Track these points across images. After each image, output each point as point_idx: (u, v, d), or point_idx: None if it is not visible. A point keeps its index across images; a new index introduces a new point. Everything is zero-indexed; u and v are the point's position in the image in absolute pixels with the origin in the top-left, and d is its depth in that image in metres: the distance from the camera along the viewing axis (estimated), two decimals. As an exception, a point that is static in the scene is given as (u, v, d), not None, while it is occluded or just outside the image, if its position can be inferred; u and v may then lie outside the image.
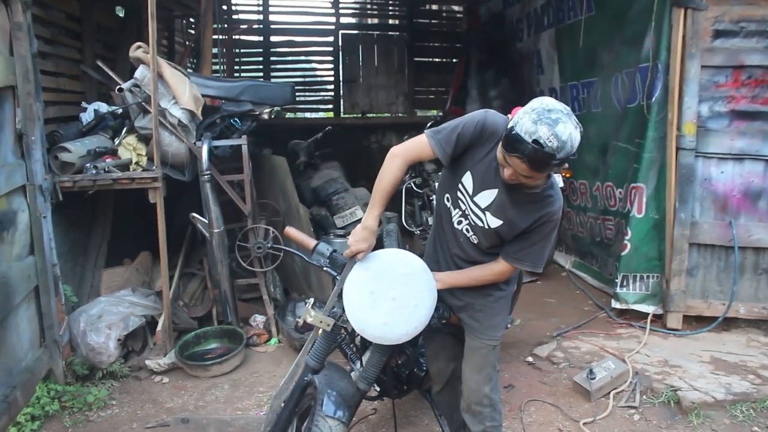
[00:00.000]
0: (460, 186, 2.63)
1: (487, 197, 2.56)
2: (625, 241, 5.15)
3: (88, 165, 4.23)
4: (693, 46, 4.72)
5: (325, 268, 2.70)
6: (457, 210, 2.69)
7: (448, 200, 2.73)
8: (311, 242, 2.75)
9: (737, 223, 4.86)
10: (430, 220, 6.60)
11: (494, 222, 2.55)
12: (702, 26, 4.72)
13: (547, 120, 2.17)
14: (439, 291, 2.63)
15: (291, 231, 2.84)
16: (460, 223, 2.70)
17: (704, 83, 4.79)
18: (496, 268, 2.67)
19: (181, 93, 4.37)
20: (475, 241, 2.68)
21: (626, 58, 5.52)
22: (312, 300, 2.65)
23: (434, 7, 10.78)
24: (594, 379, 3.92)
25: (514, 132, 2.20)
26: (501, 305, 2.84)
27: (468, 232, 2.69)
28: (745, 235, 4.86)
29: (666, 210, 4.96)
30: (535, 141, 2.15)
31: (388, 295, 2.48)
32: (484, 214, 2.57)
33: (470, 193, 2.60)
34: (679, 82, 4.79)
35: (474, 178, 2.57)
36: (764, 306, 4.91)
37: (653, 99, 5.00)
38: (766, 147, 4.78)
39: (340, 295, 2.59)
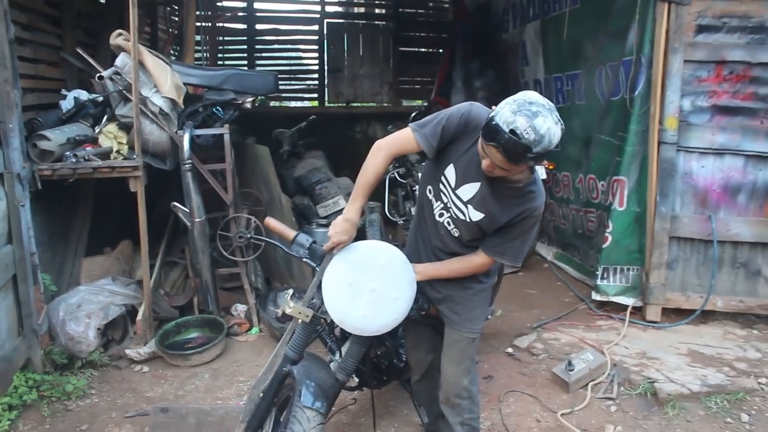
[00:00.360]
0: (442, 178, 2.63)
1: (469, 190, 2.56)
2: (607, 234, 5.19)
3: (67, 153, 4.18)
4: (676, 40, 4.74)
5: (304, 259, 2.70)
6: (439, 202, 2.69)
7: (430, 192, 2.73)
8: (291, 233, 2.74)
9: (717, 218, 4.90)
10: (413, 211, 6.59)
11: (476, 215, 2.56)
12: (685, 21, 4.74)
13: (526, 112, 2.17)
14: (418, 283, 2.64)
15: (271, 221, 2.83)
16: (441, 215, 2.70)
17: (687, 78, 4.82)
18: (476, 261, 2.67)
19: (163, 81, 4.34)
20: (456, 234, 2.69)
21: (610, 51, 5.53)
22: (291, 291, 2.65)
23: (421, -4, 10.76)
24: (572, 370, 3.96)
25: (493, 122, 2.20)
26: (481, 298, 2.85)
27: (449, 224, 2.69)
28: (724, 230, 4.91)
29: (647, 203, 5.00)
30: (512, 131, 2.15)
31: (368, 286, 2.48)
32: (466, 207, 2.58)
33: (453, 186, 2.60)
34: (662, 76, 4.81)
35: (457, 171, 2.57)
36: (741, 299, 4.97)
37: (636, 92, 5.02)
38: (746, 142, 4.82)
39: (319, 287, 2.59)
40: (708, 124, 4.87)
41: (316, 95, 10.24)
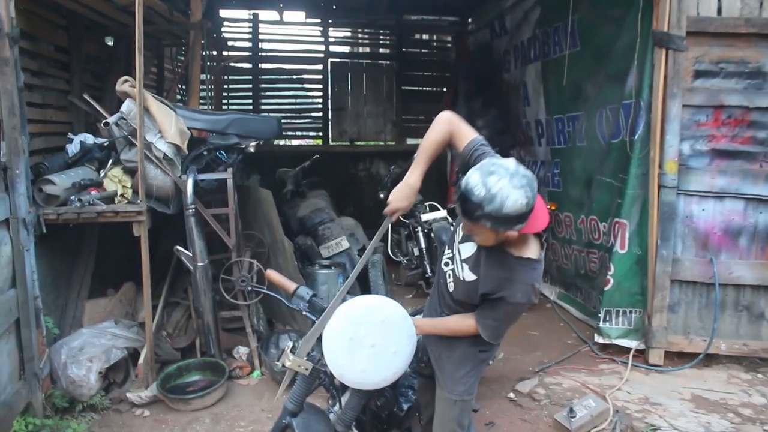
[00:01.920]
0: (458, 228, 2.67)
1: (468, 249, 2.59)
2: (608, 276, 5.19)
3: (72, 197, 4.23)
4: (674, 85, 4.80)
5: (304, 312, 2.72)
6: (449, 251, 2.72)
7: (449, 237, 2.79)
8: (292, 285, 2.76)
9: (718, 261, 4.91)
10: (416, 251, 6.62)
11: (469, 276, 2.57)
12: (683, 66, 4.80)
13: (484, 170, 2.21)
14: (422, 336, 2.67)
15: (272, 274, 2.86)
16: (447, 264, 2.74)
17: (685, 122, 4.87)
18: (469, 322, 2.64)
19: (167, 127, 4.40)
20: (451, 288, 2.72)
21: (610, 94, 5.60)
22: (290, 344, 2.66)
23: (424, 36, 10.92)
24: (574, 417, 3.93)
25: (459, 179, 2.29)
26: (468, 362, 2.77)
27: (449, 276, 2.72)
28: (726, 273, 4.91)
29: (648, 246, 5.01)
30: (465, 185, 2.23)
31: (367, 342, 2.49)
32: (463, 265, 2.60)
33: (459, 240, 2.64)
34: (661, 120, 4.85)
35: (456, 243, 2.65)
36: (745, 342, 4.95)
37: (636, 136, 5.07)
38: (746, 185, 4.85)
39: (319, 339, 2.60)
40: (707, 167, 4.90)
41: (320, 134, 10.35)
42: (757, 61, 4.81)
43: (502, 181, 2.16)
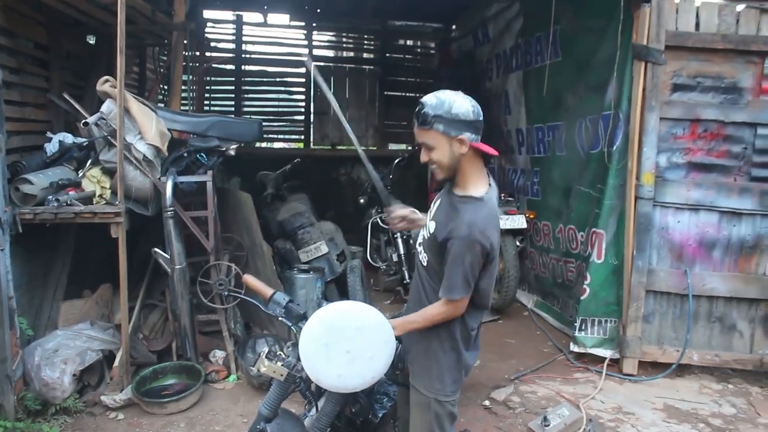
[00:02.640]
0: (431, 209, 2.80)
1: (433, 209, 2.75)
2: (585, 286, 5.24)
3: (50, 197, 4.19)
4: (652, 98, 4.87)
5: (280, 318, 2.71)
6: (423, 231, 2.82)
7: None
8: (268, 291, 2.76)
9: (692, 272, 4.99)
10: (394, 257, 6.64)
11: (432, 225, 2.66)
12: (661, 80, 4.87)
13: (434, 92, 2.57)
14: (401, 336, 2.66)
15: (249, 279, 2.85)
16: (420, 244, 2.81)
17: (663, 135, 4.94)
18: (439, 303, 2.63)
19: (148, 128, 4.38)
20: (425, 262, 2.74)
21: (590, 105, 5.67)
22: (266, 349, 2.65)
23: (408, 42, 10.96)
24: (548, 426, 3.97)
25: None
26: (441, 357, 2.76)
27: (421, 253, 2.77)
28: (700, 284, 4.99)
29: (624, 256, 5.07)
30: (420, 103, 2.55)
31: (342, 347, 2.46)
32: (428, 225, 2.72)
33: (429, 217, 2.77)
34: (639, 132, 4.93)
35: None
36: (717, 353, 5.03)
37: (614, 147, 5.13)
38: (721, 198, 4.93)
39: (295, 344, 2.60)
40: (683, 180, 4.98)
41: (301, 137, 10.33)
42: (733, 77, 4.91)
43: (448, 93, 2.53)
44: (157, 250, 4.63)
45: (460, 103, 2.48)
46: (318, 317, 2.50)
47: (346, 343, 2.46)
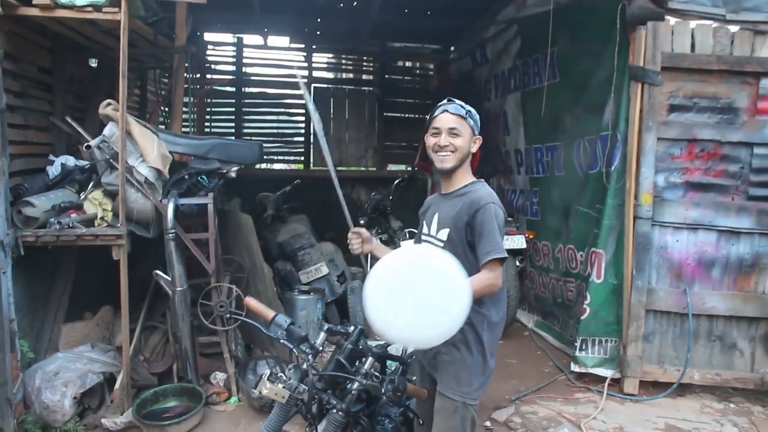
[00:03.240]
0: (422, 238, 3.01)
1: (434, 222, 2.92)
2: (585, 305, 5.25)
3: (52, 220, 4.21)
4: (650, 119, 4.92)
5: (282, 341, 2.73)
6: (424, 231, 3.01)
7: (417, 237, 3.10)
8: (270, 313, 2.78)
9: (692, 291, 5.00)
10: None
11: (443, 233, 2.83)
12: (658, 100, 4.93)
13: None
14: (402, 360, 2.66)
15: (251, 302, 2.87)
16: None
17: (660, 155, 4.98)
18: (485, 270, 2.67)
19: (149, 151, 4.41)
20: None
21: (588, 126, 5.72)
22: (268, 371, 2.66)
23: (407, 64, 11.04)
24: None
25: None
26: (467, 363, 2.79)
27: None
28: (699, 303, 5.00)
29: (624, 276, 5.09)
30: (453, 99, 2.87)
31: (412, 296, 2.26)
32: (436, 236, 2.88)
33: (427, 232, 2.97)
34: (636, 152, 4.97)
35: (426, 221, 3.02)
36: (717, 372, 5.03)
37: (612, 167, 5.17)
38: (719, 218, 4.96)
39: (296, 366, 2.61)
40: (681, 199, 5.01)
41: (301, 158, 10.38)
42: (729, 97, 4.96)
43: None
44: (158, 272, 4.65)
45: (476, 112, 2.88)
46: (385, 263, 2.36)
47: (418, 291, 2.27)
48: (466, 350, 2.79)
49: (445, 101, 2.86)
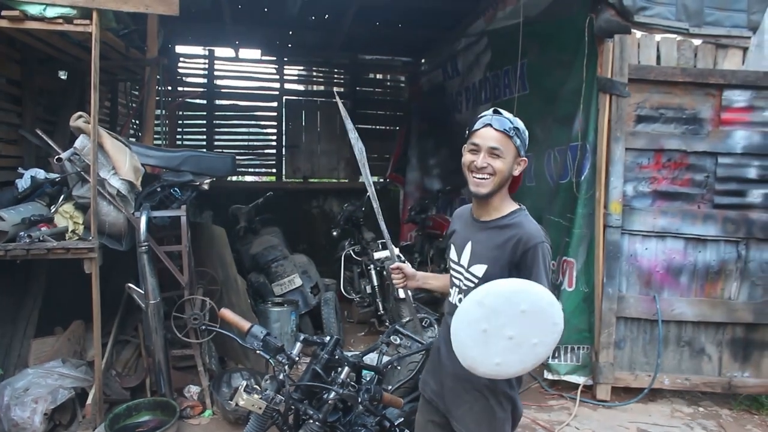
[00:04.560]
0: (451, 264, 2.69)
1: (467, 253, 2.55)
2: (556, 313, 5.30)
3: (21, 233, 4.15)
4: (618, 129, 5.02)
5: (258, 351, 2.73)
6: (455, 288, 2.65)
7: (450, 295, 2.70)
8: (246, 324, 2.78)
9: (661, 298, 5.10)
10: (368, 288, 6.65)
11: (479, 270, 2.49)
12: (626, 111, 5.04)
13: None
14: (379, 371, 2.63)
15: (226, 313, 2.87)
16: (459, 299, 2.57)
17: (629, 164, 5.09)
18: None
19: (121, 164, 4.38)
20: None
21: (558, 136, 5.80)
22: (244, 383, 2.67)
23: (378, 76, 11.11)
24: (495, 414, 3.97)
25: (478, 117, 2.53)
26: (496, 416, 2.53)
27: (456, 294, 2.62)
28: (669, 309, 5.10)
29: (595, 284, 5.17)
30: (500, 111, 2.50)
31: (504, 334, 2.21)
32: (469, 269, 2.54)
33: (457, 260, 2.62)
34: (605, 162, 5.07)
35: (455, 249, 2.64)
36: (687, 377, 5.13)
37: (582, 177, 5.25)
38: (686, 226, 5.08)
39: (272, 377, 2.62)
40: (650, 208, 5.12)
41: (273, 170, 10.37)
42: (693, 108, 5.09)
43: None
44: (131, 285, 4.60)
45: (525, 128, 2.52)
46: (477, 300, 2.26)
47: (510, 329, 2.21)
48: (495, 401, 2.51)
49: (489, 112, 2.49)
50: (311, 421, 2.70)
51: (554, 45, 5.90)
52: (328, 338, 2.94)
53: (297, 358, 2.81)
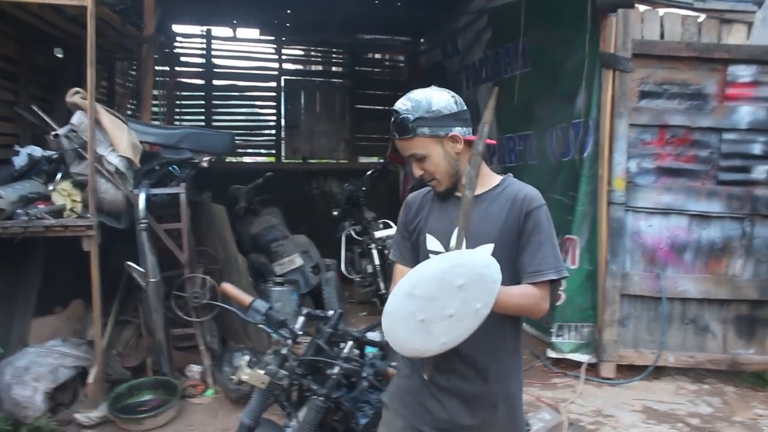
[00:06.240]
0: (430, 256, 2.23)
1: (457, 236, 2.09)
2: (560, 292, 5.28)
3: (19, 211, 4.10)
4: (621, 105, 4.96)
5: (260, 326, 2.68)
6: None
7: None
8: (247, 299, 2.73)
9: (665, 275, 5.07)
10: (369, 268, 6.61)
11: (484, 251, 2.13)
12: (629, 87, 4.98)
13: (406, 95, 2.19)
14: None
15: (227, 287, 2.82)
16: None
17: (632, 141, 5.03)
18: (529, 291, 2.10)
19: (119, 140, 4.32)
20: None
21: (560, 114, 5.74)
22: (247, 357, 2.62)
23: (377, 56, 11.02)
24: (530, 430, 3.96)
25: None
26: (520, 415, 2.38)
27: None
28: (673, 287, 5.06)
29: (598, 262, 5.13)
30: (393, 111, 2.15)
31: (444, 314, 1.93)
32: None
33: (444, 249, 2.22)
34: (609, 139, 5.01)
35: (437, 237, 2.26)
36: (691, 354, 5.10)
37: (585, 154, 5.20)
38: (690, 202, 5.03)
39: (275, 351, 2.58)
40: (654, 185, 5.07)
41: (273, 151, 10.31)
42: (698, 83, 5.03)
43: (424, 91, 2.16)
44: (130, 263, 4.55)
45: (438, 96, 2.13)
46: (406, 291, 1.97)
47: (449, 308, 1.94)
48: (518, 391, 2.32)
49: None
50: (315, 396, 2.67)
51: (556, 21, 5.83)
52: (331, 312, 2.89)
53: (300, 333, 2.76)
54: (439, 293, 1.92)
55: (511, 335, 2.24)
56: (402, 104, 2.14)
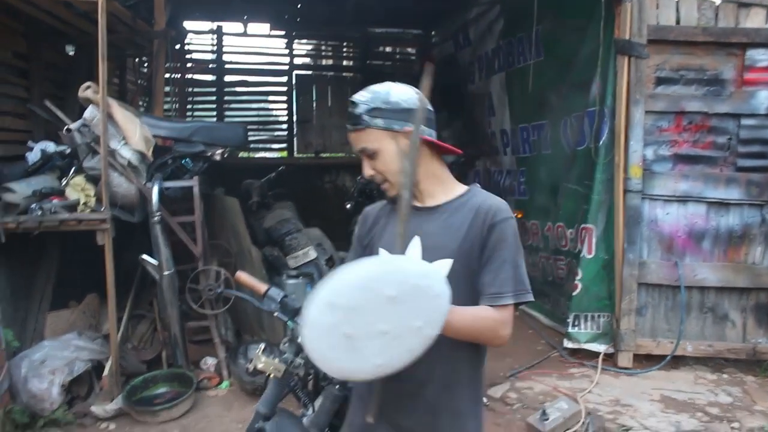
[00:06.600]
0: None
1: (413, 250, 1.95)
2: (576, 281, 5.23)
3: (33, 206, 4.11)
4: (637, 92, 4.89)
5: (276, 314, 2.66)
6: None
7: None
8: (262, 287, 2.70)
9: (683, 263, 5.00)
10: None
11: (440, 266, 1.91)
12: (645, 73, 4.90)
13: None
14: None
15: (242, 276, 2.80)
16: None
17: (648, 128, 4.96)
18: (489, 314, 1.84)
19: (132, 134, 4.32)
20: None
21: (574, 102, 5.68)
22: (263, 345, 2.60)
23: (388, 49, 10.97)
24: (547, 420, 3.93)
25: None
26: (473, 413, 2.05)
27: None
28: (691, 275, 4.99)
29: (615, 251, 5.07)
30: (350, 101, 1.94)
31: (375, 330, 1.63)
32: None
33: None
34: (624, 126, 4.94)
35: (391, 251, 1.97)
36: (710, 344, 5.04)
37: (601, 142, 5.14)
38: (708, 190, 4.96)
39: (291, 340, 2.55)
40: (671, 172, 5.00)
41: (285, 146, 10.30)
42: (715, 69, 4.94)
43: (384, 84, 1.94)
44: (145, 256, 4.56)
45: (399, 89, 1.91)
46: (326, 301, 1.61)
47: (379, 324, 1.65)
48: (470, 409, 2.01)
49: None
50: (331, 385, 2.64)
51: (569, 9, 5.77)
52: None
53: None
54: (365, 303, 1.63)
55: (467, 365, 1.98)
56: (360, 95, 1.92)
